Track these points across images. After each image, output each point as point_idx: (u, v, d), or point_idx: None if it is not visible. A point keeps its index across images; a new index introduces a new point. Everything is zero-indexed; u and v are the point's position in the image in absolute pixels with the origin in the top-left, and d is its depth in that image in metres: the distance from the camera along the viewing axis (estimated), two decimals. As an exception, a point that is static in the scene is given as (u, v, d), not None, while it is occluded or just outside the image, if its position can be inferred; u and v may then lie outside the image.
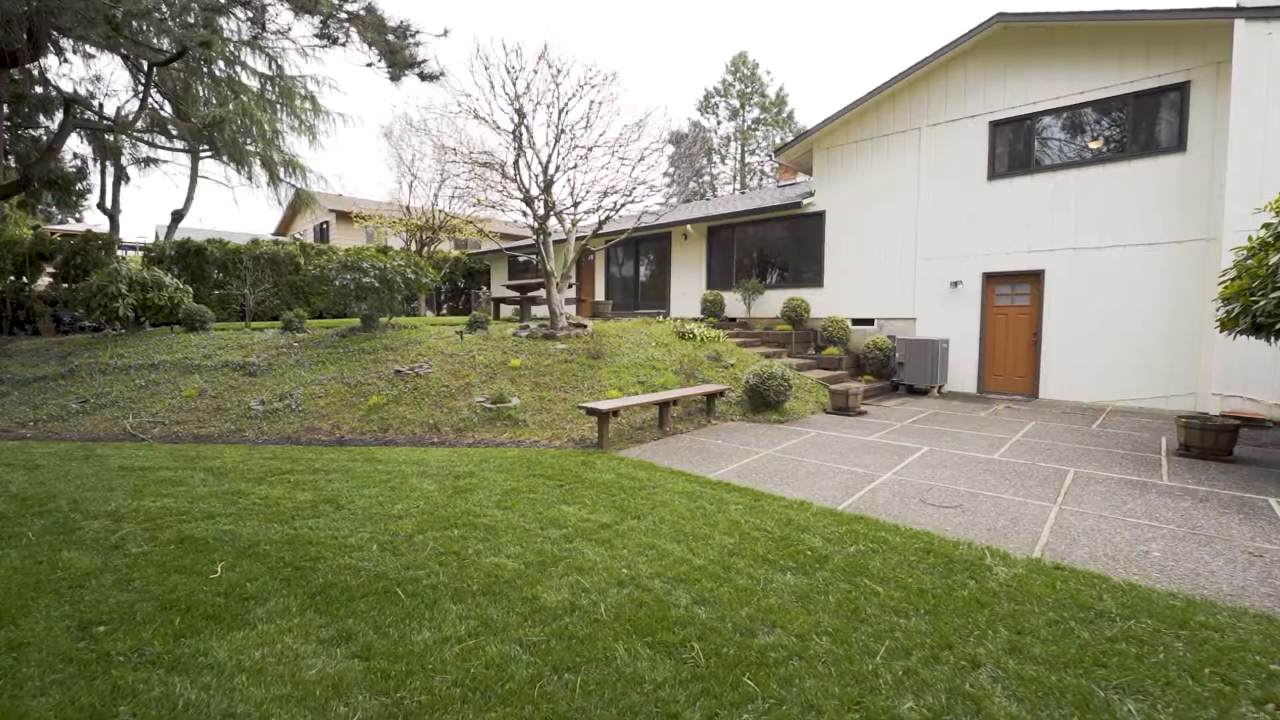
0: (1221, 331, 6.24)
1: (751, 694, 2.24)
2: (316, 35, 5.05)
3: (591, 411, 6.74)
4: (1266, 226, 5.83)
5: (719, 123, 47.63)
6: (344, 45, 5.00)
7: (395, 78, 5.29)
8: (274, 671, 2.29)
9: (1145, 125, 9.47)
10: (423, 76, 5.23)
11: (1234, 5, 8.20)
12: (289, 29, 6.19)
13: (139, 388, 8.82)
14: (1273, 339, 5.70)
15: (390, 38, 4.86)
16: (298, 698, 2.14)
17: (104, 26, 9.72)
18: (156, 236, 34.50)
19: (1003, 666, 2.45)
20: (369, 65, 5.32)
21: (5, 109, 13.26)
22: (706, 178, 48.08)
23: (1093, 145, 10.00)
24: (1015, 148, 10.66)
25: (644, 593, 3.02)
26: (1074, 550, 3.81)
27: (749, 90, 46.68)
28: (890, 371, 11.42)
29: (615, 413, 7.05)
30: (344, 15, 4.87)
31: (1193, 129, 8.94)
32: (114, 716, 2.02)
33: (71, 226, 25.89)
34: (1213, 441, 6.16)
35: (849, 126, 12.73)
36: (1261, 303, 5.48)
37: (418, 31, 4.91)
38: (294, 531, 3.75)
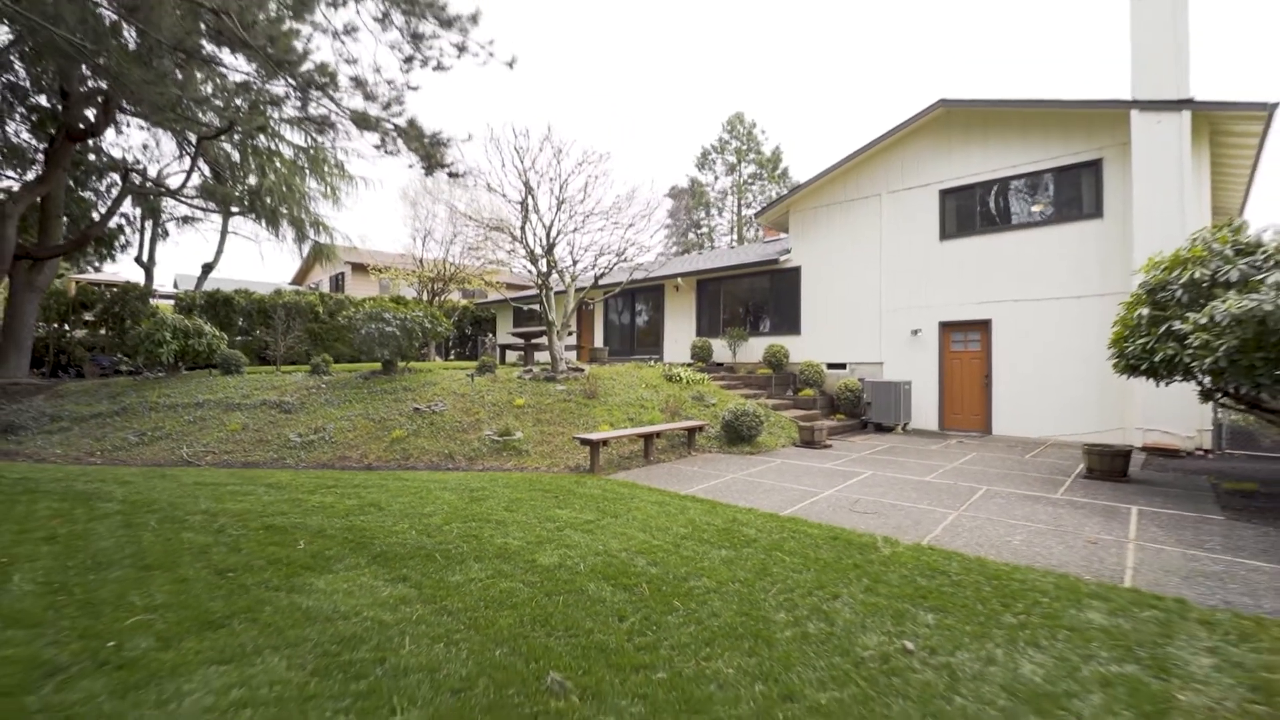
0: (1116, 373, 7.43)
1: (676, 608, 3.36)
2: (375, 147, 6.39)
3: (585, 442, 7.90)
4: (1141, 285, 7.09)
5: (716, 178, 49.83)
6: (396, 155, 6.32)
7: (429, 173, 6.60)
8: (359, 593, 3.42)
9: (1069, 194, 10.91)
10: (451, 175, 6.54)
11: (1130, 99, 9.73)
12: (329, 115, 7.55)
13: (188, 423, 10.02)
14: (1147, 378, 6.90)
15: (426, 141, 6.18)
16: (378, 604, 3.27)
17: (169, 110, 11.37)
18: (175, 284, 36.29)
19: (854, 598, 3.56)
20: (410, 166, 6.68)
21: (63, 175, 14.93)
22: (705, 229, 50.20)
23: (1028, 210, 11.43)
24: (962, 212, 12.11)
25: (612, 558, 4.14)
26: (954, 540, 4.91)
27: (745, 147, 48.96)
28: (860, 411, 12.56)
29: (605, 443, 8.23)
30: (392, 128, 6.19)
31: (1107, 199, 10.36)
32: (262, 611, 3.15)
33: (92, 275, 27.35)
34: (1109, 465, 7.27)
35: (820, 192, 14.28)
36: (1130, 348, 6.71)
37: (449, 139, 6.24)
38: (350, 523, 4.89)
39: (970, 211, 11.99)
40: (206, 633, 2.91)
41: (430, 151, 6.19)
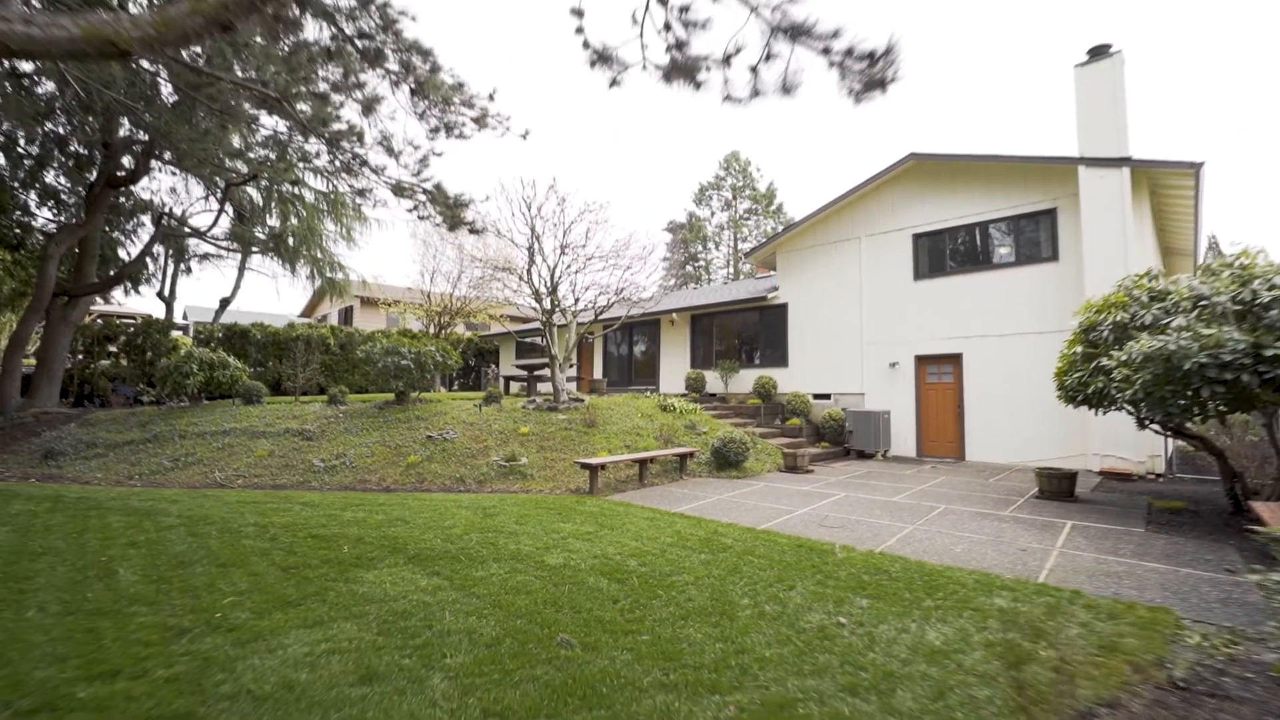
0: (1060, 403, 8.27)
1: (660, 595, 4.14)
2: (409, 210, 7.32)
3: (585, 466, 8.70)
4: (1079, 326, 7.97)
5: (713, 213, 51.28)
6: (428, 218, 7.25)
7: (452, 229, 7.54)
8: (401, 583, 4.21)
9: (1029, 239, 11.91)
10: (471, 230, 7.47)
11: (1078, 156, 10.79)
12: (368, 183, 8.46)
13: (217, 449, 10.80)
14: (1087, 408, 7.73)
15: (451, 203, 7.09)
16: (419, 590, 4.06)
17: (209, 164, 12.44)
18: (184, 316, 37.30)
19: (807, 589, 4.34)
20: (436, 225, 7.63)
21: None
22: (702, 262, 51.52)
23: (993, 252, 12.42)
24: (934, 254, 13.11)
25: (608, 560, 4.93)
26: (904, 548, 5.69)
27: (741, 184, 50.50)
28: (844, 439, 13.34)
29: (603, 467, 9.02)
30: (423, 194, 7.13)
31: (1062, 243, 11.35)
32: (327, 595, 3.94)
33: (103, 307, 28.20)
34: (1057, 486, 8.06)
35: (804, 234, 15.32)
36: (1069, 380, 7.57)
37: (470, 200, 7.17)
38: (383, 533, 5.67)
39: (941, 254, 12.99)
40: (288, 609, 3.70)
41: (454, 213, 7.13)
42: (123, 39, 2.75)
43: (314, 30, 7.96)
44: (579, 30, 3.81)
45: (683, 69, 3.71)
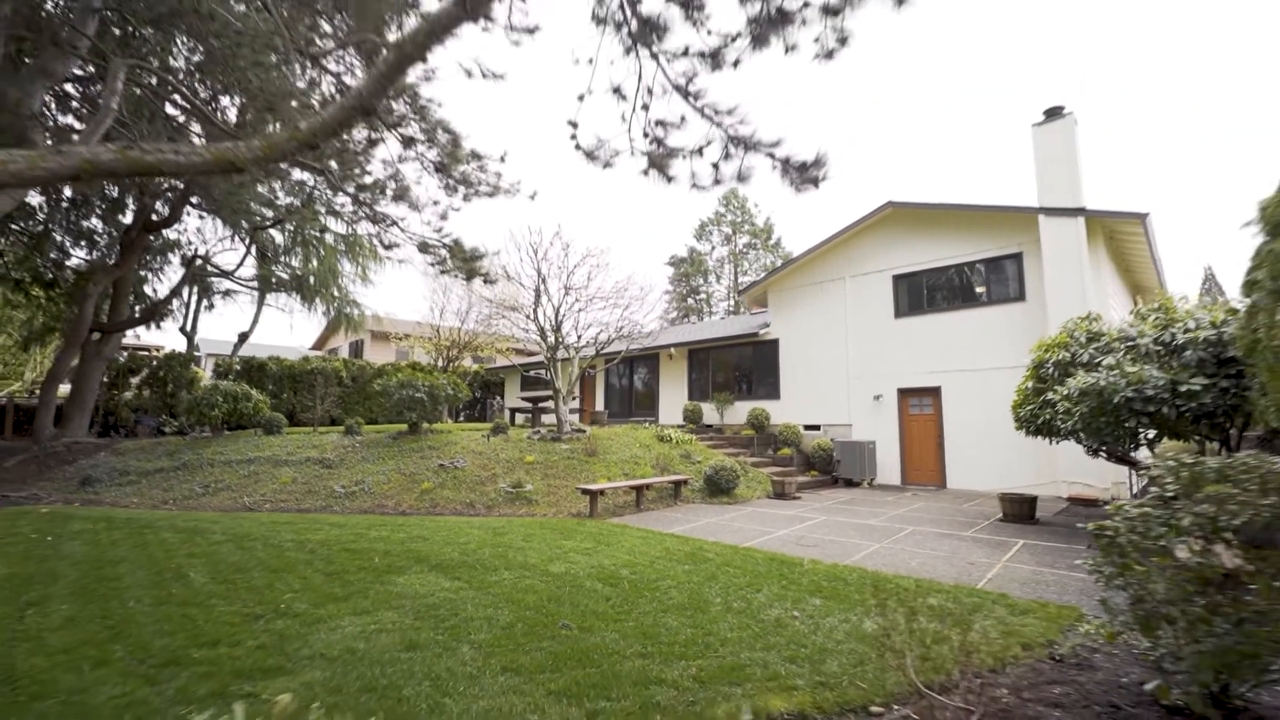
0: (1020, 434, 9.04)
1: (646, 595, 4.91)
2: (431, 264, 8.29)
3: (586, 492, 9.48)
4: (1032, 363, 8.81)
5: (713, 248, 52.64)
6: (449, 272, 8.21)
7: (468, 280, 8.49)
8: (428, 584, 4.99)
9: (999, 280, 12.84)
10: (485, 281, 8.42)
11: (1038, 206, 11.79)
12: (396, 239, 9.43)
13: (244, 476, 11.61)
14: (1041, 437, 8.51)
15: (468, 257, 8.06)
16: (443, 590, 4.84)
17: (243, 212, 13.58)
18: (197, 349, 38.37)
19: (771, 592, 5.10)
20: (455, 277, 8.60)
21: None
22: (703, 295, 52.76)
23: (967, 293, 13.33)
24: (912, 294, 14.04)
25: (604, 569, 5.70)
26: (866, 562, 6.43)
27: (740, 220, 51.92)
28: (833, 468, 14.06)
29: (603, 493, 9.79)
30: (444, 250, 8.11)
31: (1028, 285, 12.26)
32: (368, 593, 4.73)
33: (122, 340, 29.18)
34: (1019, 510, 8.79)
35: (794, 274, 16.31)
36: (1023, 412, 8.38)
37: (485, 253, 8.14)
38: (407, 548, 6.46)
39: (919, 293, 13.92)
40: (338, 603, 4.49)
41: (471, 265, 8.09)
42: (240, 160, 3.69)
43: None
44: (573, 138, 4.78)
45: (657, 164, 4.66)
